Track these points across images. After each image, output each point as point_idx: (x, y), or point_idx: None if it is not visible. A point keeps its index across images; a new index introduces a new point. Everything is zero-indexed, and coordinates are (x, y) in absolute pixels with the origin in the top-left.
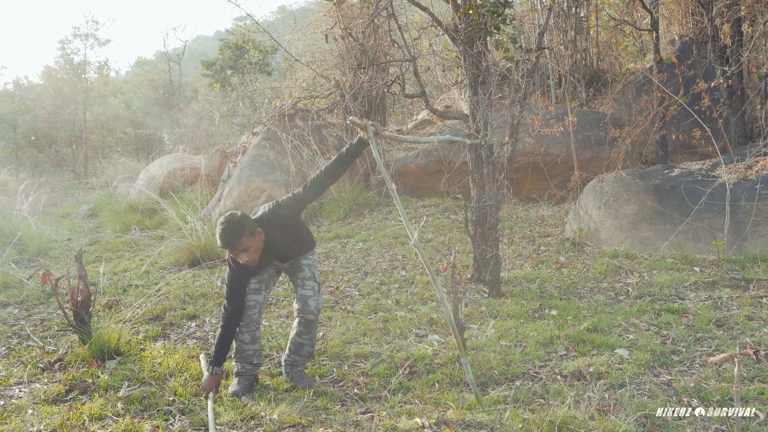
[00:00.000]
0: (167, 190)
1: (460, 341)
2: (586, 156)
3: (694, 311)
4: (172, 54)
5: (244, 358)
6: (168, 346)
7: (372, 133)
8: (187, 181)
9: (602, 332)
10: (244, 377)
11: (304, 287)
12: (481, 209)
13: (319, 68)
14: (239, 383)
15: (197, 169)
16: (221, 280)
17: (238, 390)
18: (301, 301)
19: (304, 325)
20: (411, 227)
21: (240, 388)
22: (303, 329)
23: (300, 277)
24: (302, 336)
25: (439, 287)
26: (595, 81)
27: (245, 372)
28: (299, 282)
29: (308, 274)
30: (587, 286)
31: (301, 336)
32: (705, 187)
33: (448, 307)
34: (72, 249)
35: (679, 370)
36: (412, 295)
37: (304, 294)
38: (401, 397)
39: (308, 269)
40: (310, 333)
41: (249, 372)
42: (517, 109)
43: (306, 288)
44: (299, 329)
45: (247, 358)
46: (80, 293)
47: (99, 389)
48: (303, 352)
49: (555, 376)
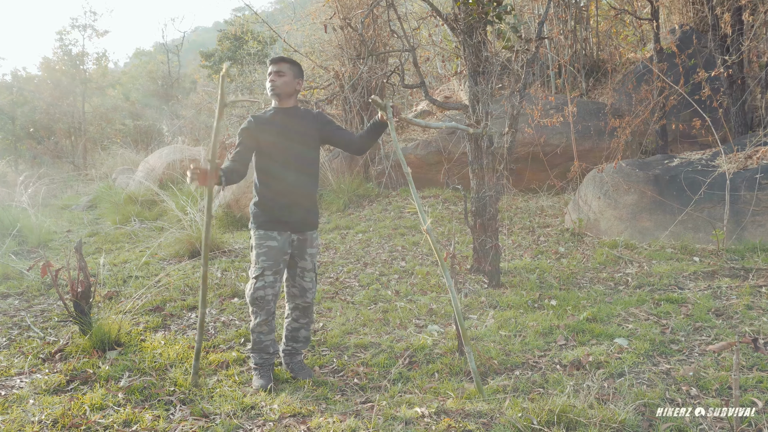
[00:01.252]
0: (166, 182)
1: (464, 331)
2: (585, 146)
3: (694, 301)
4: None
5: (262, 348)
6: (168, 337)
7: (391, 114)
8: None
9: (601, 322)
10: (263, 368)
11: (305, 278)
12: (481, 200)
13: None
14: (262, 376)
15: (197, 161)
16: (221, 271)
17: (264, 383)
18: (300, 291)
19: (301, 310)
20: (424, 212)
21: (265, 381)
22: (300, 314)
23: (301, 266)
24: (299, 320)
25: (447, 274)
26: (595, 71)
27: (264, 362)
28: (299, 272)
29: (310, 264)
30: (587, 276)
31: (298, 320)
32: (705, 177)
33: (455, 294)
34: (72, 240)
35: (678, 359)
36: (412, 285)
37: (304, 286)
38: (401, 386)
39: (310, 259)
40: (307, 317)
41: (267, 361)
42: (516, 100)
43: (306, 280)
44: (295, 314)
45: (265, 349)
46: (80, 284)
47: (100, 379)
48: (300, 337)
49: (554, 366)
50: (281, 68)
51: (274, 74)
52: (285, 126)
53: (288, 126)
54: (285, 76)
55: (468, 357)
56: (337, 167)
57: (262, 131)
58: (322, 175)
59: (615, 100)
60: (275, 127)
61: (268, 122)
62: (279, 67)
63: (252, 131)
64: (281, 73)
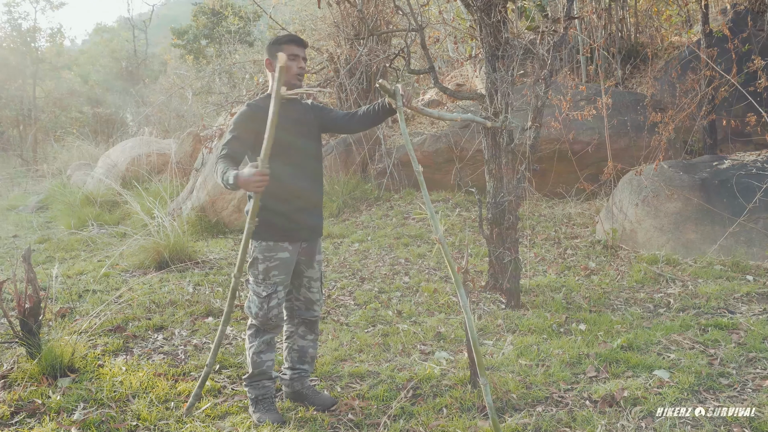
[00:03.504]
0: (130, 180)
1: (480, 358)
2: (621, 144)
3: (746, 327)
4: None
5: (263, 372)
6: (130, 362)
7: (401, 101)
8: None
9: (639, 350)
10: (266, 401)
11: (311, 289)
12: (499, 205)
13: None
14: (267, 410)
15: (166, 156)
16: (193, 285)
17: (275, 417)
18: (306, 304)
19: (307, 326)
20: (436, 218)
21: (275, 415)
22: (306, 329)
23: (308, 276)
24: (306, 337)
25: (461, 291)
26: (632, 56)
27: (266, 393)
28: (305, 283)
29: (317, 273)
30: (621, 296)
31: (304, 337)
32: (760, 182)
33: (469, 314)
34: (19, 247)
35: (728, 395)
36: (417, 305)
37: (311, 298)
38: (403, 424)
39: (318, 267)
40: (314, 333)
41: (269, 391)
42: (541, 89)
43: (313, 290)
44: (301, 330)
45: (267, 373)
46: (28, 299)
47: (50, 411)
48: (308, 357)
49: (583, 402)
50: (303, 51)
51: (302, 59)
52: (287, 117)
53: (289, 117)
54: (301, 62)
55: (483, 390)
56: (330, 164)
57: (260, 124)
58: None
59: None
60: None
61: (266, 114)
62: (305, 53)
63: (250, 123)
64: (297, 58)
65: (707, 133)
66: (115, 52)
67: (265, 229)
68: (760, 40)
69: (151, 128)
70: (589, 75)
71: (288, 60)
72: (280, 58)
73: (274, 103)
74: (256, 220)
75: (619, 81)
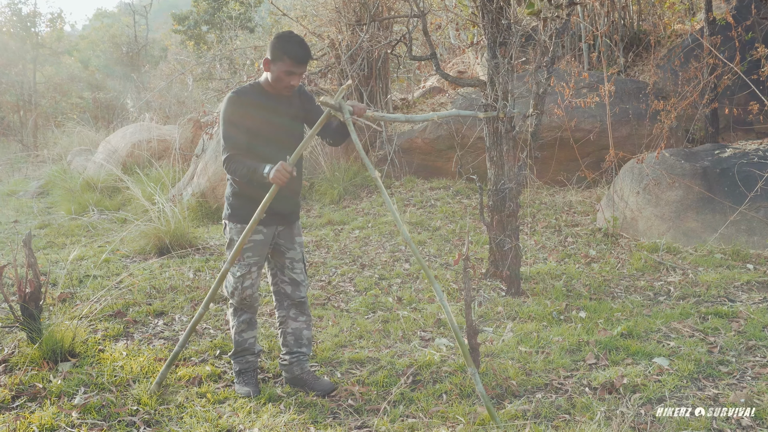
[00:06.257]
0: (131, 166)
1: (465, 349)
2: (623, 132)
3: (746, 315)
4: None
5: (246, 349)
6: (131, 347)
7: (348, 114)
8: (155, 155)
9: (638, 338)
10: (247, 374)
11: (294, 270)
12: (499, 193)
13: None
14: (247, 383)
15: (167, 141)
16: (193, 271)
17: (250, 390)
18: (292, 286)
19: (297, 307)
20: (399, 217)
21: (252, 389)
22: (297, 311)
23: (290, 257)
24: (298, 318)
25: (437, 287)
26: (635, 44)
27: (248, 367)
28: (287, 264)
29: (299, 254)
30: (621, 284)
31: (296, 319)
32: (762, 171)
33: (448, 309)
34: (19, 233)
35: (727, 383)
36: (417, 291)
37: (295, 278)
38: (403, 409)
39: (299, 248)
40: (305, 314)
41: (251, 366)
42: (543, 76)
43: (297, 271)
44: (292, 312)
45: (249, 349)
46: (29, 284)
47: (51, 396)
48: (303, 339)
49: (582, 389)
50: (305, 67)
51: (298, 77)
52: (274, 104)
53: (275, 104)
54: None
55: (474, 379)
56: (330, 152)
57: (250, 109)
58: (313, 160)
59: (658, 78)
60: (263, 102)
61: (255, 99)
62: (305, 68)
63: (240, 108)
64: (303, 74)
65: (709, 121)
66: (116, 38)
67: (240, 211)
68: (763, 28)
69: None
70: (591, 62)
71: (283, 74)
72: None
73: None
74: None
75: (622, 69)
